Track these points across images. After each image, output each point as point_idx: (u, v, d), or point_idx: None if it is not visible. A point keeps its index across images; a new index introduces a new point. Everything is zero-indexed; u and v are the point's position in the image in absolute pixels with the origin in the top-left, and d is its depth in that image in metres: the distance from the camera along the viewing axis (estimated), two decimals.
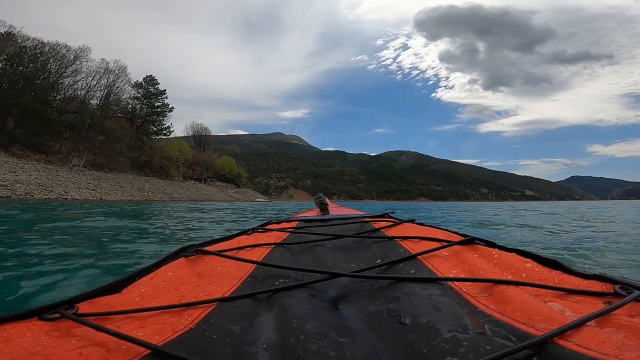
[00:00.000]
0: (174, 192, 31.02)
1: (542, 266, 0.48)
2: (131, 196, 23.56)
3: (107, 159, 29.37)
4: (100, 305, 0.42)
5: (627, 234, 4.23)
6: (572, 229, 5.11)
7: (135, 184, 27.76)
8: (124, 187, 25.11)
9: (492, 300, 0.40)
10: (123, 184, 26.10)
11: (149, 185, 29.84)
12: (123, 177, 28.42)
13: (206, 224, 5.85)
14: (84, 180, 22.60)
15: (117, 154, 30.40)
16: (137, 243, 3.15)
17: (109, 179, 25.79)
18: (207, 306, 0.43)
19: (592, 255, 2.64)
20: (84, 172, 25.05)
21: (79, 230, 3.93)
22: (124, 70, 34.99)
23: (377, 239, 0.76)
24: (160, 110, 39.43)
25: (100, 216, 6.45)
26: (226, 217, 8.01)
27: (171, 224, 5.33)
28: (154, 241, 3.38)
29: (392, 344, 0.33)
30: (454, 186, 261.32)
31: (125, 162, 30.95)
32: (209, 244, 0.71)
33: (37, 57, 26.53)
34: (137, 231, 4.13)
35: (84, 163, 26.44)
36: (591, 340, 0.29)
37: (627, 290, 0.37)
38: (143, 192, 26.11)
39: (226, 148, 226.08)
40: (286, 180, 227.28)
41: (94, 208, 9.79)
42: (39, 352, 0.30)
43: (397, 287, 0.46)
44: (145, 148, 35.11)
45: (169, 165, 38.04)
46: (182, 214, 8.45)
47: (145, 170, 34.20)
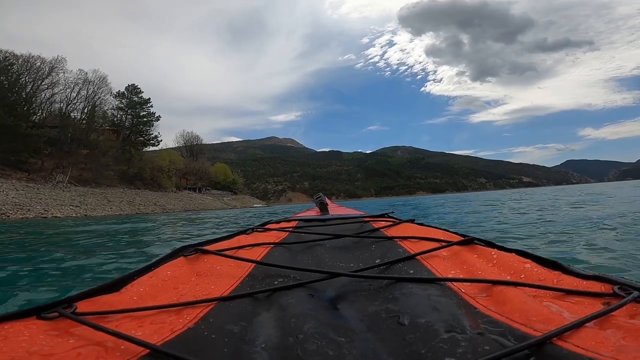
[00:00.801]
0: (166, 204, 29.65)
1: (541, 266, 0.48)
2: (120, 210, 22.20)
3: (93, 173, 27.89)
4: (99, 304, 0.42)
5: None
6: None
7: (125, 198, 26.34)
8: (112, 202, 23.69)
9: (491, 300, 0.40)
10: (111, 198, 24.67)
11: (140, 198, 28.40)
12: (111, 192, 26.97)
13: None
14: (67, 196, 21.16)
15: (103, 168, 28.90)
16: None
17: (96, 194, 24.39)
18: (206, 305, 0.43)
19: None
20: (69, 189, 23.60)
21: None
22: (104, 80, 33.61)
23: (376, 239, 0.76)
24: (147, 120, 38.12)
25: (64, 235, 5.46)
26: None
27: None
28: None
29: (391, 344, 0.33)
30: (452, 178, 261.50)
31: (112, 175, 29.43)
32: (208, 244, 0.71)
33: (8, 70, 25.14)
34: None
35: (68, 179, 25.02)
36: (589, 341, 0.29)
37: (626, 291, 0.37)
38: (133, 206, 24.75)
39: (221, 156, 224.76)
40: (284, 184, 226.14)
41: (69, 227, 8.67)
42: (37, 352, 0.30)
43: (396, 287, 0.46)
44: (134, 160, 33.75)
45: (160, 177, 36.61)
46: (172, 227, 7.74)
47: (135, 183, 32.76)
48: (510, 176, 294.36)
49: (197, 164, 51.81)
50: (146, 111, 38.46)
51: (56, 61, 29.67)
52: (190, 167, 49.28)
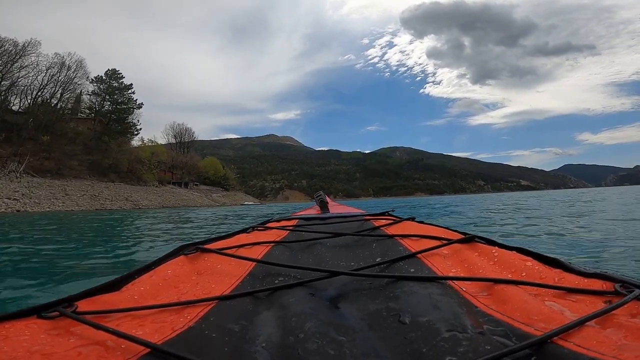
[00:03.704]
0: (140, 199, 26.55)
1: (542, 265, 0.48)
2: (76, 205, 19.13)
3: (56, 163, 24.75)
4: (99, 303, 0.41)
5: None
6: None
7: (89, 191, 23.19)
8: (71, 195, 20.60)
9: (492, 299, 0.40)
10: (71, 191, 21.55)
11: (109, 191, 25.26)
12: (75, 184, 23.82)
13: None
14: (10, 187, 18.07)
15: (67, 157, 25.68)
16: None
17: (53, 186, 21.25)
18: (207, 304, 0.43)
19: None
20: (19, 179, 20.47)
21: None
22: (81, 64, 30.49)
23: (377, 237, 0.76)
24: (126, 107, 34.89)
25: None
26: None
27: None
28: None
29: (392, 343, 0.33)
30: (450, 179, 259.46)
31: (78, 166, 26.18)
32: (208, 242, 0.71)
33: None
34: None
35: (24, 168, 21.88)
36: (591, 340, 0.29)
37: (627, 289, 0.37)
38: (96, 200, 21.65)
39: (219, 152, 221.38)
40: (281, 181, 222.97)
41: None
42: (38, 351, 0.30)
43: (397, 286, 0.46)
44: (111, 151, 30.56)
45: (140, 169, 33.41)
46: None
47: (109, 176, 29.54)
48: (508, 179, 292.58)
49: (184, 156, 48.50)
50: (126, 97, 35.25)
51: (30, 44, 26.70)
52: (178, 160, 46.05)
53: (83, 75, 31.33)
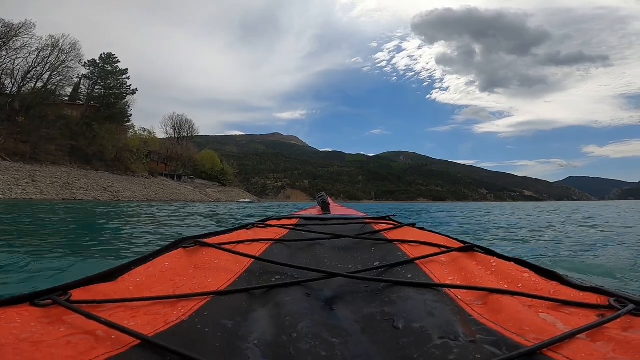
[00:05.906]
0: (123, 190, 24.50)
1: (539, 276, 0.48)
2: (41, 194, 17.06)
3: (33, 147, 22.75)
4: (94, 293, 0.41)
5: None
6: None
7: (63, 179, 21.13)
8: (37, 182, 18.54)
9: (487, 308, 0.40)
10: (40, 178, 19.49)
11: (87, 180, 23.17)
12: (48, 170, 21.78)
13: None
14: None
15: (44, 141, 23.72)
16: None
17: (21, 171, 19.20)
18: (202, 299, 0.43)
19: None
20: None
21: None
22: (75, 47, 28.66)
23: (376, 241, 0.76)
24: (118, 92, 32.89)
25: None
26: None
27: None
28: None
29: (384, 347, 0.33)
30: (453, 186, 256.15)
31: (56, 150, 24.21)
32: (207, 236, 0.72)
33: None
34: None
35: None
36: (580, 353, 0.29)
37: (622, 303, 0.37)
38: (67, 189, 19.58)
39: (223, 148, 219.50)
40: (283, 180, 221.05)
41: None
42: (27, 339, 0.30)
43: (393, 291, 0.46)
44: (99, 138, 28.55)
45: (128, 158, 31.34)
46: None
47: (94, 164, 27.56)
48: (511, 189, 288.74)
49: (180, 147, 46.41)
50: (119, 82, 33.27)
51: (24, 26, 25.12)
52: (173, 151, 43.97)
53: (76, 57, 29.60)
